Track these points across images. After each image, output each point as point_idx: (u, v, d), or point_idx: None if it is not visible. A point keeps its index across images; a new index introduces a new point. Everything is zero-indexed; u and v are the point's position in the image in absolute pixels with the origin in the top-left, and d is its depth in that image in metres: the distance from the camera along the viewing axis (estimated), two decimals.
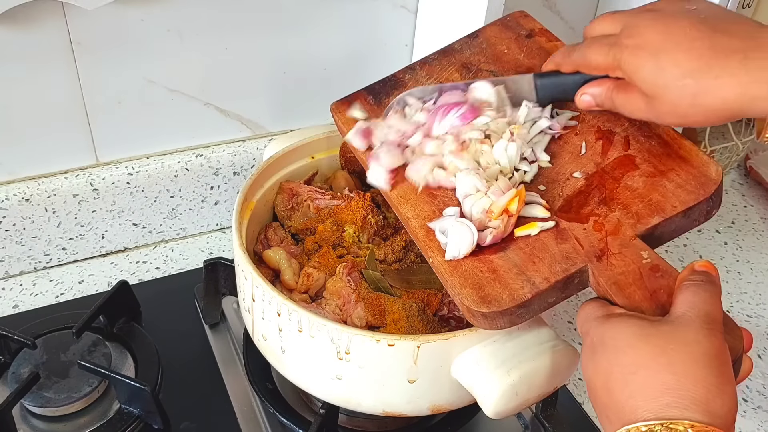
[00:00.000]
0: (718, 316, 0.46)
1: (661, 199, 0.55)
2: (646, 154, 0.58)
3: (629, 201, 0.56)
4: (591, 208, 0.56)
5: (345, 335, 0.57)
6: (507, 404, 0.56)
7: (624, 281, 0.51)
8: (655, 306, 0.50)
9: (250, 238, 0.72)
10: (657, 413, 0.42)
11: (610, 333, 0.47)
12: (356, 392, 0.62)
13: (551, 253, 0.55)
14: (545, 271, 0.54)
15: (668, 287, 0.50)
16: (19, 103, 0.80)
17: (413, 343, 0.57)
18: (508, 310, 0.53)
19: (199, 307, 0.84)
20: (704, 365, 0.43)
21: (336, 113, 0.73)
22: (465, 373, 0.58)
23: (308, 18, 0.90)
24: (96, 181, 0.87)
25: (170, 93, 0.87)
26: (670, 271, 0.51)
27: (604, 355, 0.47)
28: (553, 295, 0.54)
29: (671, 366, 0.44)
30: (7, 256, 0.87)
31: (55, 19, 0.76)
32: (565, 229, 0.56)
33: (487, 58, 0.71)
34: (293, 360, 0.63)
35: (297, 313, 0.59)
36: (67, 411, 0.70)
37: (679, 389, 0.43)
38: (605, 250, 0.54)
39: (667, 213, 0.54)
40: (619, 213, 0.55)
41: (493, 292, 0.54)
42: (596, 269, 0.53)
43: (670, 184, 0.56)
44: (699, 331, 0.45)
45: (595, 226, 0.55)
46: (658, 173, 0.57)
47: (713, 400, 0.42)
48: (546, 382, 0.58)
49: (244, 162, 0.94)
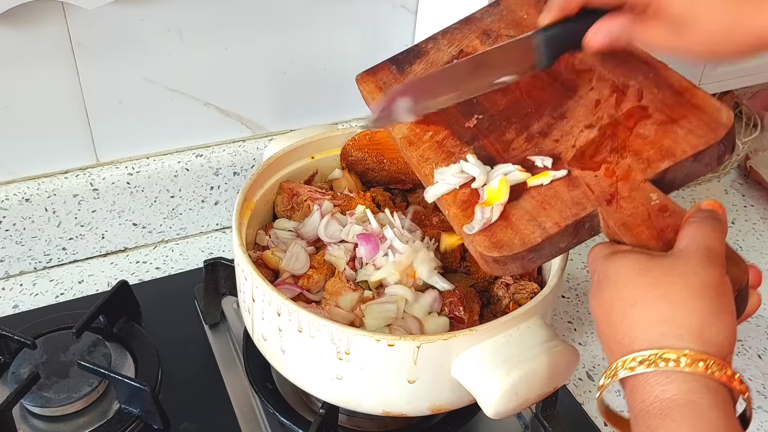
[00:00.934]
0: (719, 248, 0.47)
1: (672, 145, 0.55)
2: (659, 104, 0.58)
3: (641, 148, 0.56)
4: (603, 156, 0.57)
5: (345, 335, 0.57)
6: (507, 404, 0.56)
7: (632, 222, 0.52)
8: (662, 243, 0.51)
9: (250, 238, 0.72)
10: (652, 343, 0.44)
11: (613, 267, 0.48)
12: (356, 392, 0.62)
13: (562, 199, 0.56)
14: (556, 216, 0.55)
15: (675, 225, 0.51)
16: (19, 103, 0.80)
17: (413, 343, 0.57)
18: (519, 254, 0.54)
19: (199, 307, 0.84)
20: (700, 295, 0.44)
21: (362, 84, 0.74)
22: (465, 373, 0.58)
23: (308, 18, 0.90)
24: (96, 181, 0.87)
25: (170, 93, 0.87)
26: (678, 211, 0.52)
27: (607, 289, 0.48)
28: (563, 239, 0.55)
29: (667, 297, 0.44)
30: (7, 256, 0.87)
31: (55, 19, 0.76)
32: (576, 177, 0.57)
33: (507, 24, 0.71)
34: (293, 360, 0.63)
35: (297, 313, 0.59)
36: (67, 411, 0.70)
37: (675, 319, 0.44)
38: (615, 194, 0.55)
39: (678, 157, 0.55)
40: (630, 159, 0.56)
41: (505, 238, 0.55)
42: (606, 212, 0.54)
43: (682, 130, 0.56)
44: (698, 263, 0.45)
45: (606, 172, 0.56)
46: (670, 121, 0.57)
47: (708, 328, 0.43)
48: (546, 382, 0.58)
49: (244, 162, 0.94)
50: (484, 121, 0.65)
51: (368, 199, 0.75)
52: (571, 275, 0.96)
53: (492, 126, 0.64)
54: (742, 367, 0.85)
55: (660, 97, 0.59)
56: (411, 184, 0.82)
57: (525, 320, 0.60)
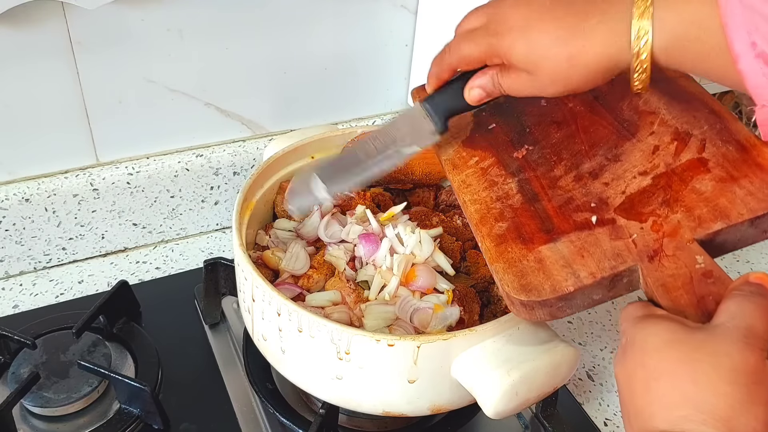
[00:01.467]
0: (761, 331, 0.43)
1: (727, 205, 0.51)
2: (721, 159, 0.55)
3: (694, 204, 0.53)
4: (652, 208, 0.54)
5: (345, 335, 0.57)
6: (507, 404, 0.56)
7: (672, 284, 0.49)
8: (701, 313, 0.47)
9: (250, 238, 0.72)
10: (672, 425, 0.41)
11: (642, 334, 0.45)
12: (356, 392, 0.62)
13: (602, 249, 0.53)
14: (593, 266, 0.52)
15: (718, 295, 0.47)
16: (19, 103, 0.80)
17: (413, 344, 0.57)
18: (547, 301, 0.52)
19: (199, 307, 0.84)
20: (730, 380, 0.41)
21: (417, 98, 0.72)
22: (465, 373, 0.58)
23: (308, 18, 0.90)
24: (96, 181, 0.87)
25: (170, 93, 0.87)
26: (724, 279, 0.48)
27: (632, 355, 0.45)
28: (598, 291, 0.52)
29: (694, 375, 0.41)
30: (7, 256, 0.87)
31: (55, 19, 0.76)
32: (621, 226, 0.54)
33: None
34: (293, 360, 0.63)
35: (297, 314, 0.59)
36: (67, 411, 0.70)
37: (699, 402, 0.41)
38: (659, 251, 0.51)
39: (732, 220, 0.51)
40: (680, 215, 0.53)
41: (535, 281, 0.53)
42: (646, 269, 0.51)
43: (741, 190, 0.52)
44: (733, 343, 0.42)
45: (653, 226, 0.53)
46: (730, 178, 0.53)
47: (736, 417, 0.40)
48: (546, 382, 0.58)
49: (244, 162, 0.94)
50: (533, 153, 0.63)
51: (368, 199, 0.75)
52: None
53: (541, 159, 0.62)
54: None
55: (723, 152, 0.55)
56: (411, 184, 0.82)
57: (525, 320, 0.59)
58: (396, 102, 1.04)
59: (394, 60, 0.99)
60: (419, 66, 1.00)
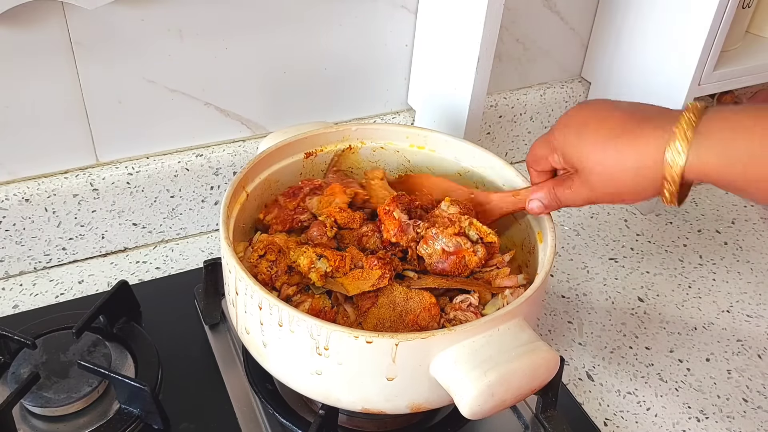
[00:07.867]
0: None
1: None
2: None
3: None
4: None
5: (324, 331, 0.57)
6: (483, 405, 0.56)
7: None
8: None
9: (238, 231, 0.72)
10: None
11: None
12: (335, 388, 0.61)
13: None
14: None
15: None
16: (19, 103, 0.80)
17: (391, 341, 0.56)
18: None
19: (199, 307, 0.84)
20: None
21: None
22: (443, 372, 0.58)
23: (308, 18, 0.90)
24: (96, 181, 0.87)
25: (170, 93, 0.87)
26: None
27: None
28: None
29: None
30: (7, 256, 0.87)
31: (55, 19, 0.76)
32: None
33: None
34: (274, 354, 0.63)
35: (278, 308, 0.58)
36: (67, 411, 0.70)
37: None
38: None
39: None
40: None
41: None
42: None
43: None
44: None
45: None
46: None
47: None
48: (524, 384, 0.58)
49: (244, 162, 0.94)
50: None
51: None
52: (570, 275, 0.96)
53: None
54: (743, 367, 0.85)
55: None
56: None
57: (506, 321, 0.59)
58: (396, 102, 1.04)
59: (394, 60, 0.99)
60: (419, 66, 1.00)
